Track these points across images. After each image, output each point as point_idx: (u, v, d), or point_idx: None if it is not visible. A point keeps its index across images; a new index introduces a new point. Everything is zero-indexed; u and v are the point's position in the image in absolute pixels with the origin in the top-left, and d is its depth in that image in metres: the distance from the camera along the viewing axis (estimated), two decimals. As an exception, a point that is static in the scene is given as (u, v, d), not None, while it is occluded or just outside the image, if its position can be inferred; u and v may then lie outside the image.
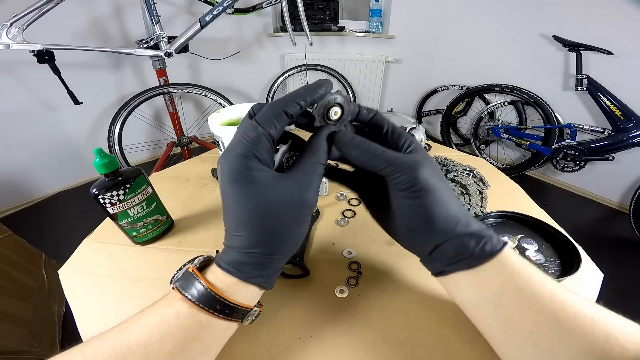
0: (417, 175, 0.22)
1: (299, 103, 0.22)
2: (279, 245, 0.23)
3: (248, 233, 0.22)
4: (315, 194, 0.23)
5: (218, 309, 0.21)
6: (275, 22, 2.07)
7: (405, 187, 0.22)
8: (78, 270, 0.38)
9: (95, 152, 0.34)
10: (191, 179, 0.59)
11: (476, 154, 1.95)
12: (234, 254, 0.22)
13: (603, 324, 0.18)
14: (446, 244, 0.22)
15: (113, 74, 1.69)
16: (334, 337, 0.29)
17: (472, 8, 1.84)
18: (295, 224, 0.23)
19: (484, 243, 0.22)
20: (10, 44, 1.09)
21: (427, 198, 0.22)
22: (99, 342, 0.20)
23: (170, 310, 0.21)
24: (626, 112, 1.39)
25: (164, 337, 0.20)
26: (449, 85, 2.09)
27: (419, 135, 0.59)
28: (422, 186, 0.22)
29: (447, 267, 0.23)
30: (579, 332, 0.18)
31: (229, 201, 0.22)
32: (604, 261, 0.41)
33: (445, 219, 0.22)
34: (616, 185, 1.61)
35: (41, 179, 1.62)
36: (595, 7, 1.44)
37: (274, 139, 0.22)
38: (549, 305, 0.20)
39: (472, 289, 0.23)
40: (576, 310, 0.19)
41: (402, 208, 0.23)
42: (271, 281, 0.24)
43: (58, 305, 0.97)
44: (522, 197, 0.53)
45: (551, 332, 0.19)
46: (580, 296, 0.21)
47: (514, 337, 0.21)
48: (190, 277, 0.22)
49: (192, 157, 0.69)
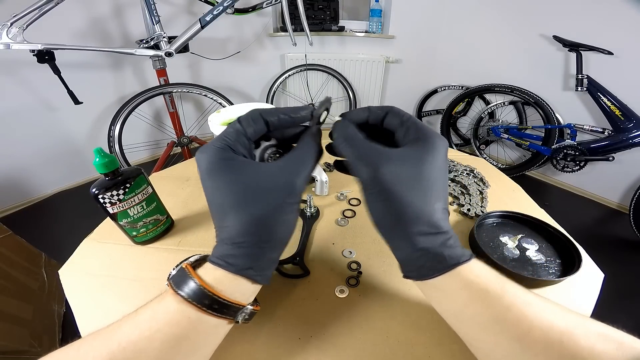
0: (376, 175, 0.22)
1: (278, 115, 0.24)
2: (267, 232, 0.22)
3: (233, 222, 0.21)
4: (303, 181, 0.23)
5: (206, 304, 0.20)
6: (275, 22, 2.07)
7: (363, 186, 0.23)
8: (78, 270, 0.38)
9: (95, 152, 0.34)
10: (191, 179, 0.59)
11: (476, 154, 1.95)
12: (223, 247, 0.22)
13: (573, 346, 0.17)
14: (409, 249, 0.22)
15: (113, 73, 1.69)
16: (334, 337, 0.29)
17: (472, 8, 1.84)
18: (281, 209, 0.22)
19: (443, 255, 0.21)
20: (11, 43, 1.09)
21: (381, 198, 0.22)
22: (93, 339, 0.20)
23: (161, 307, 0.21)
24: (626, 112, 1.38)
25: (153, 334, 0.20)
26: (449, 85, 2.09)
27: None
28: (381, 188, 0.22)
29: (406, 274, 0.24)
30: (543, 355, 0.18)
31: (211, 193, 0.22)
32: (604, 261, 0.40)
33: (405, 222, 0.22)
34: (616, 185, 1.61)
35: (41, 179, 1.62)
36: (595, 7, 1.44)
37: (250, 138, 0.24)
38: (512, 329, 0.19)
39: (434, 299, 0.24)
40: (543, 333, 0.18)
41: (378, 206, 0.23)
42: (265, 274, 0.23)
43: (58, 305, 0.97)
44: (522, 197, 0.53)
45: (513, 354, 0.19)
46: (557, 309, 0.20)
47: (476, 351, 0.22)
48: (183, 273, 0.22)
49: (192, 157, 0.69)
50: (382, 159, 0.22)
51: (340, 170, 0.30)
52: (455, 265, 0.21)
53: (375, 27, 2.01)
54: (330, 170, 0.61)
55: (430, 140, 0.23)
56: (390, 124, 0.25)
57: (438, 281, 0.22)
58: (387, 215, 0.23)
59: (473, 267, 0.22)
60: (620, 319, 0.19)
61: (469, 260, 0.22)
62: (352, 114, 0.27)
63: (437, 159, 0.23)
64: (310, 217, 0.46)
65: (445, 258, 0.21)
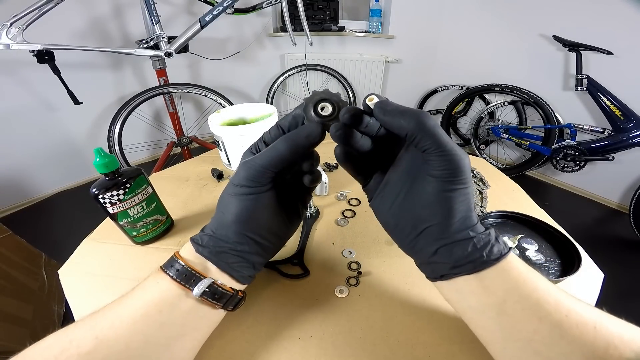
0: (455, 159, 0.20)
1: (292, 114, 0.25)
2: (221, 212, 0.25)
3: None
4: (254, 167, 0.24)
5: (176, 272, 0.23)
6: (275, 22, 2.07)
7: (440, 169, 0.20)
8: (78, 270, 0.38)
9: (95, 152, 0.34)
10: (191, 179, 0.59)
11: (476, 154, 1.95)
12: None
13: (605, 331, 0.18)
14: (455, 245, 0.21)
15: (113, 74, 1.69)
16: (333, 337, 0.29)
17: (472, 8, 1.84)
18: (234, 189, 0.25)
19: (491, 246, 0.21)
20: (10, 44, 1.09)
21: (459, 190, 0.21)
22: (82, 322, 0.22)
23: (141, 284, 0.24)
24: (626, 112, 1.38)
25: (126, 300, 0.23)
26: (449, 85, 2.09)
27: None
28: (457, 173, 0.20)
29: (451, 271, 0.22)
30: (580, 340, 0.18)
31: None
32: (604, 261, 0.40)
33: (463, 218, 0.21)
34: (616, 185, 1.61)
35: (41, 179, 1.62)
36: (595, 7, 1.44)
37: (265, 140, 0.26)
38: (553, 314, 0.19)
39: (473, 295, 0.22)
40: (579, 319, 0.19)
41: (423, 197, 0.22)
42: (225, 262, 0.24)
43: (58, 305, 0.96)
44: (522, 197, 0.53)
45: (552, 341, 0.19)
46: (583, 302, 0.20)
47: (513, 345, 0.21)
48: (171, 257, 0.25)
49: (192, 157, 0.69)
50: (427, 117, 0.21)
51: (346, 162, 0.26)
52: (507, 253, 0.21)
53: (375, 27, 2.01)
54: (330, 170, 0.61)
55: (458, 165, 0.21)
56: (419, 144, 0.21)
57: (487, 272, 0.21)
58: (444, 206, 0.21)
59: (512, 258, 0.21)
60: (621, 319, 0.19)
61: (508, 252, 0.21)
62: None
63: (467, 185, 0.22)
64: (310, 217, 0.46)
65: (499, 245, 0.21)
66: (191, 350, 0.24)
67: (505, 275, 0.21)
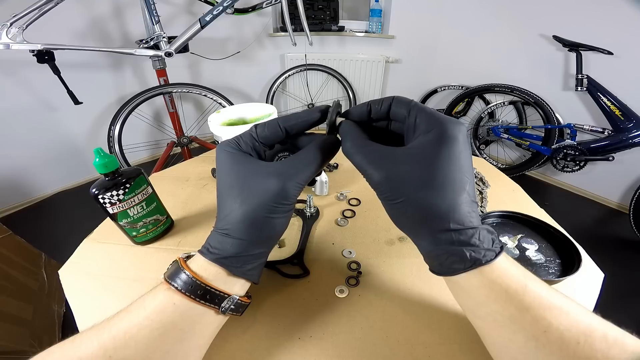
0: (388, 177, 0.22)
1: (293, 120, 0.25)
2: (254, 229, 0.23)
3: (226, 213, 0.23)
4: (296, 186, 0.23)
5: (190, 290, 0.22)
6: (275, 22, 2.07)
7: (375, 190, 0.23)
8: (78, 270, 0.38)
9: (95, 152, 0.34)
10: (191, 179, 0.59)
11: (476, 154, 1.95)
12: (212, 235, 0.24)
13: (588, 348, 0.18)
14: (426, 246, 0.23)
15: (113, 74, 1.69)
16: (333, 337, 0.29)
17: (472, 8, 1.84)
18: (271, 210, 0.23)
19: (465, 254, 0.20)
20: (10, 44, 1.09)
21: (402, 202, 0.22)
22: (88, 331, 0.21)
23: (150, 296, 0.23)
24: (626, 112, 1.38)
25: (141, 321, 0.21)
26: (449, 85, 2.09)
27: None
28: (393, 192, 0.22)
29: (431, 268, 0.24)
30: (557, 355, 0.18)
31: (217, 183, 0.25)
32: (604, 261, 0.40)
33: (422, 222, 0.21)
34: (616, 185, 1.61)
35: (41, 179, 1.62)
36: (595, 7, 1.44)
37: (263, 142, 0.25)
38: (528, 328, 0.19)
39: (455, 294, 0.24)
40: (560, 334, 0.18)
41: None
42: (244, 269, 0.24)
43: (58, 305, 0.96)
44: (522, 197, 0.53)
45: (527, 352, 0.19)
46: (580, 312, 0.19)
47: (493, 347, 0.23)
48: (176, 264, 0.24)
49: (192, 157, 0.69)
50: (389, 161, 0.21)
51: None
52: (475, 265, 0.20)
53: (375, 27, 2.01)
54: (330, 170, 0.61)
55: (442, 129, 0.21)
56: (397, 115, 0.24)
57: (458, 278, 0.22)
58: (404, 216, 0.22)
59: (497, 265, 0.21)
60: (620, 319, 0.19)
61: (492, 260, 0.20)
62: (353, 112, 0.25)
63: (453, 149, 0.20)
64: (310, 217, 0.46)
65: (466, 257, 0.20)
66: (199, 354, 0.25)
67: (485, 280, 0.21)
